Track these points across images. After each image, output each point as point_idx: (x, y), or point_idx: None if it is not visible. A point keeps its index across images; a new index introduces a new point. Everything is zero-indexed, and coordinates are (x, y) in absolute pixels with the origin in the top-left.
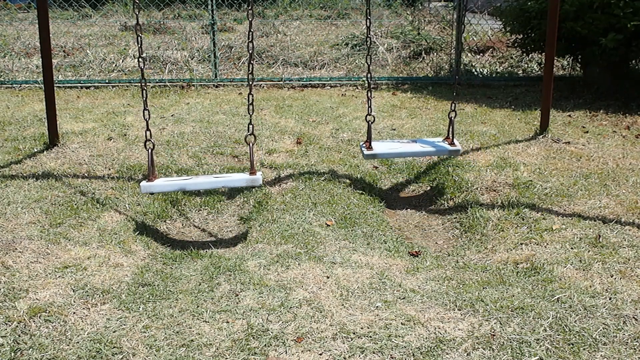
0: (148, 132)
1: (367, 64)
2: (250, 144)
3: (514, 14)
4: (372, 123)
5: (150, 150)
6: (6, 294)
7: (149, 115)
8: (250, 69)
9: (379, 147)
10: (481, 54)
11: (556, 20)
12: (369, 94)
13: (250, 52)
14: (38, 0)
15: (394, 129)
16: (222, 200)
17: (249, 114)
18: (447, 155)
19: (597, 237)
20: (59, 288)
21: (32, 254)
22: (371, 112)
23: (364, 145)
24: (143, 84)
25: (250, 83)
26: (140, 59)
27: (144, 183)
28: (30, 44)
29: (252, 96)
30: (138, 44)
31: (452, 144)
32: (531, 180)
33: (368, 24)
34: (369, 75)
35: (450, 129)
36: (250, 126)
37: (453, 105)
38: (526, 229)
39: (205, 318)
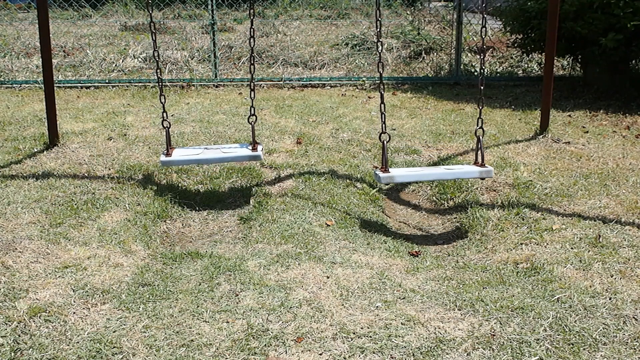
0: (164, 114)
1: (380, 72)
2: (252, 123)
3: (514, 14)
4: (388, 142)
5: (167, 129)
6: (6, 294)
7: (165, 99)
8: (252, 61)
9: (396, 171)
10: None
11: (556, 20)
12: (382, 107)
13: (251, 47)
14: (38, 0)
15: (394, 129)
16: (222, 200)
17: (251, 98)
18: (479, 177)
19: (597, 237)
20: (59, 288)
21: (32, 254)
22: (385, 129)
23: (380, 169)
24: (158, 73)
25: (252, 75)
26: (155, 52)
27: (163, 158)
28: (30, 44)
29: (253, 85)
30: (152, 38)
31: (482, 165)
32: (531, 180)
33: (378, 27)
34: (381, 85)
35: (479, 149)
36: (252, 108)
37: (480, 121)
38: (526, 229)
39: (205, 318)
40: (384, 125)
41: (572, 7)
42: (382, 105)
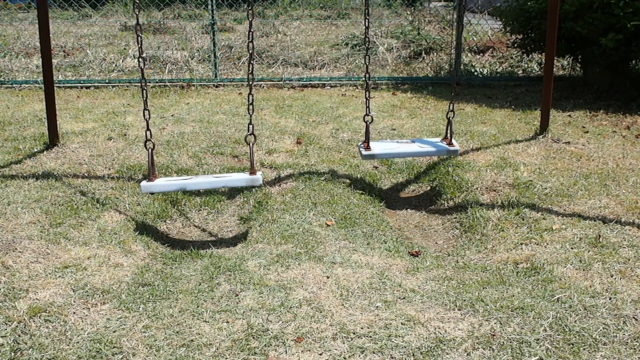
0: (148, 132)
1: (366, 64)
2: (250, 144)
3: (514, 14)
4: (370, 123)
5: (150, 150)
6: (6, 294)
7: (149, 115)
8: (251, 69)
9: (377, 147)
10: (481, 54)
11: (556, 20)
12: (367, 94)
13: (250, 52)
14: (38, 0)
15: (394, 129)
16: (222, 200)
17: (249, 113)
18: (446, 155)
19: (597, 237)
20: (59, 288)
21: (32, 254)
22: (369, 112)
23: (362, 145)
24: (143, 84)
25: (250, 83)
26: (140, 59)
27: (144, 183)
28: (30, 44)
29: (252, 96)
30: (138, 44)
31: (450, 144)
32: (531, 180)
33: (367, 24)
34: (367, 75)
35: (449, 129)
36: (250, 126)
37: (451, 105)
38: (526, 229)
39: (205, 318)
40: (368, 109)
41: (572, 7)
42: (367, 92)
